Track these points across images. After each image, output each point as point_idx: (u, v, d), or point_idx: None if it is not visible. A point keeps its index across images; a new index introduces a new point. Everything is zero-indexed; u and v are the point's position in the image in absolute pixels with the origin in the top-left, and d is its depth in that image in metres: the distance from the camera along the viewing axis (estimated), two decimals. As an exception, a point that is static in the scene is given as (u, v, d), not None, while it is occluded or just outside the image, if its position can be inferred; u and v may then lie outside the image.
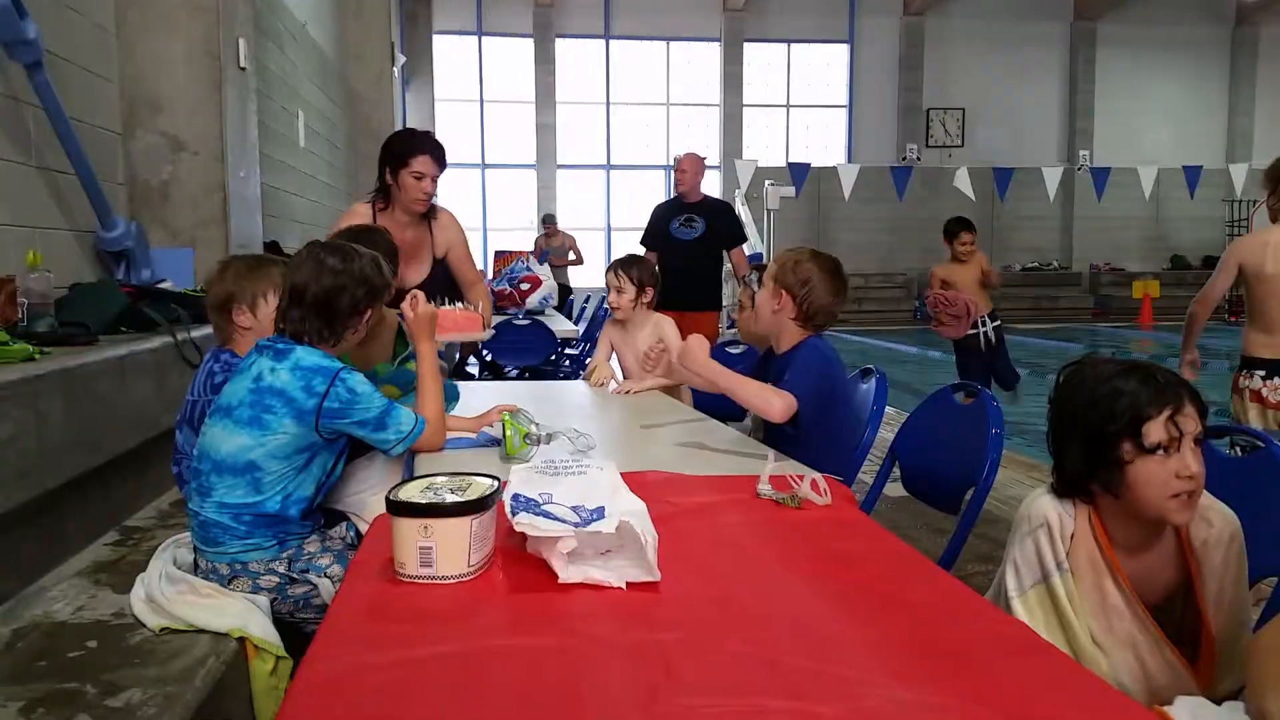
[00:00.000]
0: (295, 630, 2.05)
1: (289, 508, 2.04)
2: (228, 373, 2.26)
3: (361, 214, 3.48)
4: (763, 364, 2.81)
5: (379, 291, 2.19)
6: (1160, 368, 1.54)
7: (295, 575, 2.05)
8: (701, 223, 5.66)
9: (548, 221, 12.60)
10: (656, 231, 5.75)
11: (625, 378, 3.57)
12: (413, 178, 3.40)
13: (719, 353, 3.62)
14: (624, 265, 3.60)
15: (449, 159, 3.58)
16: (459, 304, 3.41)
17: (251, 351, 2.10)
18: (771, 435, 2.60)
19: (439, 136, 3.62)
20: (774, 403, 2.43)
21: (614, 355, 3.75)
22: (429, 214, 3.57)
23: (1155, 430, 1.47)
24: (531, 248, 11.41)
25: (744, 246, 6.07)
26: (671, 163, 6.24)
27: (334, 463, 2.13)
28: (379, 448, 2.13)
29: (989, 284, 5.65)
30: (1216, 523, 1.56)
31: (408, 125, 3.38)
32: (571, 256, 11.90)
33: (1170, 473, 1.47)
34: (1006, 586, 1.63)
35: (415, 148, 3.41)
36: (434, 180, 3.45)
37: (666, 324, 3.55)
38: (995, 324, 5.59)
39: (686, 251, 5.60)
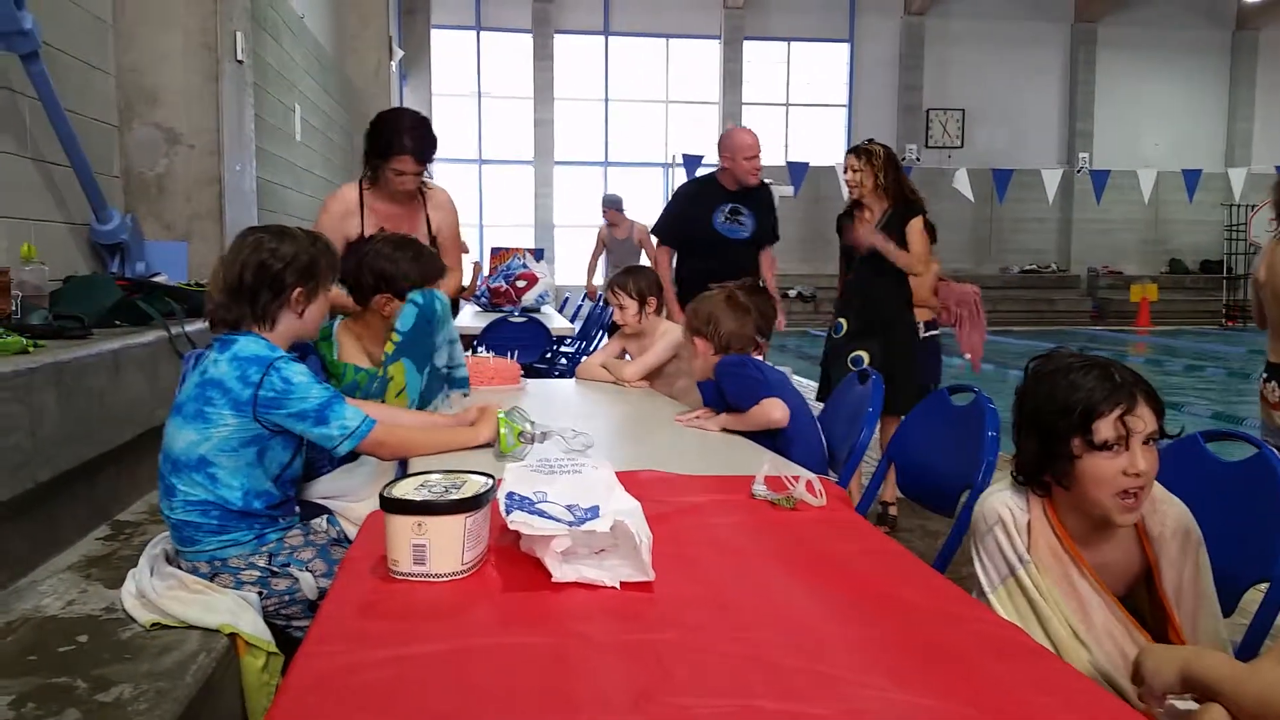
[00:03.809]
0: (283, 633, 2.04)
1: (251, 502, 2.01)
2: None
3: (346, 195, 3.43)
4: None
5: (310, 271, 2.08)
6: (1119, 365, 1.57)
7: (276, 569, 2.03)
8: (750, 219, 4.46)
9: (610, 206, 8.85)
10: (692, 226, 4.48)
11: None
12: (392, 172, 3.32)
13: None
14: (620, 282, 3.56)
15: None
16: (490, 353, 3.39)
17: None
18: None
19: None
20: (772, 415, 2.54)
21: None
22: (420, 190, 3.49)
23: (1105, 428, 1.51)
24: (594, 244, 9.01)
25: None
26: (714, 153, 4.73)
27: (291, 456, 2.09)
28: (324, 446, 2.03)
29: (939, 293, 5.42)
30: (1171, 514, 1.61)
31: (386, 111, 3.24)
32: (644, 259, 8.35)
33: (1118, 470, 1.51)
34: (981, 586, 1.67)
35: (399, 147, 3.28)
36: (416, 175, 3.37)
37: (676, 332, 3.50)
38: (934, 332, 5.21)
39: (734, 255, 4.35)
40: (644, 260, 8.57)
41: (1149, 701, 1.34)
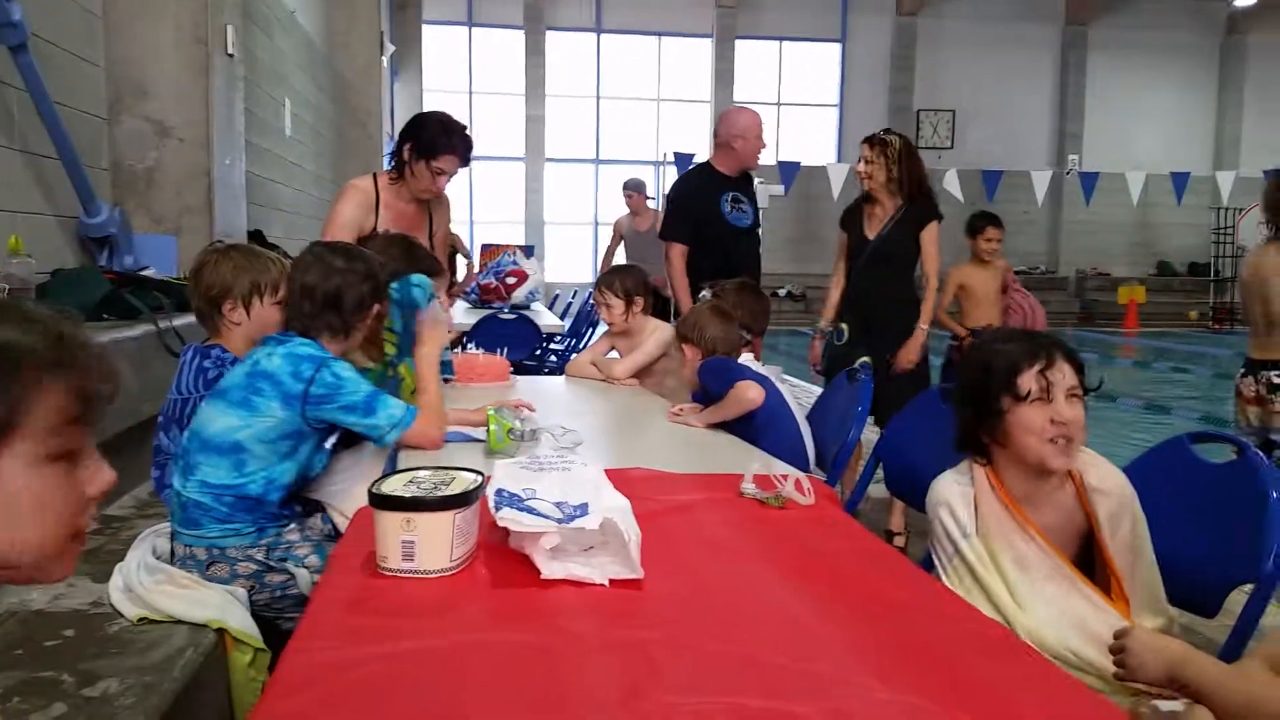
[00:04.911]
0: (273, 626, 2.05)
1: (270, 493, 2.04)
2: (221, 369, 2.25)
3: (362, 187, 3.39)
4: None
5: (383, 288, 2.26)
6: (1040, 332, 1.75)
7: (273, 564, 2.05)
8: (749, 206, 4.26)
9: (634, 189, 7.65)
10: (702, 218, 4.18)
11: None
12: (433, 172, 3.30)
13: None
14: (606, 282, 3.55)
15: None
16: (480, 350, 3.39)
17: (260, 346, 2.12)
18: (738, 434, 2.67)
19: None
20: (747, 395, 2.61)
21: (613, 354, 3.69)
22: None
23: (1027, 381, 1.66)
24: (610, 237, 7.82)
25: None
26: (704, 152, 4.50)
27: (314, 451, 2.13)
28: (370, 436, 2.11)
29: (1006, 292, 5.11)
30: (1109, 476, 1.73)
31: (430, 112, 3.29)
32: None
33: (1045, 418, 1.65)
34: (937, 569, 1.75)
35: (447, 146, 3.28)
36: (452, 176, 3.39)
37: (665, 330, 3.50)
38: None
39: (744, 246, 4.17)
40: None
41: (1125, 680, 1.39)
